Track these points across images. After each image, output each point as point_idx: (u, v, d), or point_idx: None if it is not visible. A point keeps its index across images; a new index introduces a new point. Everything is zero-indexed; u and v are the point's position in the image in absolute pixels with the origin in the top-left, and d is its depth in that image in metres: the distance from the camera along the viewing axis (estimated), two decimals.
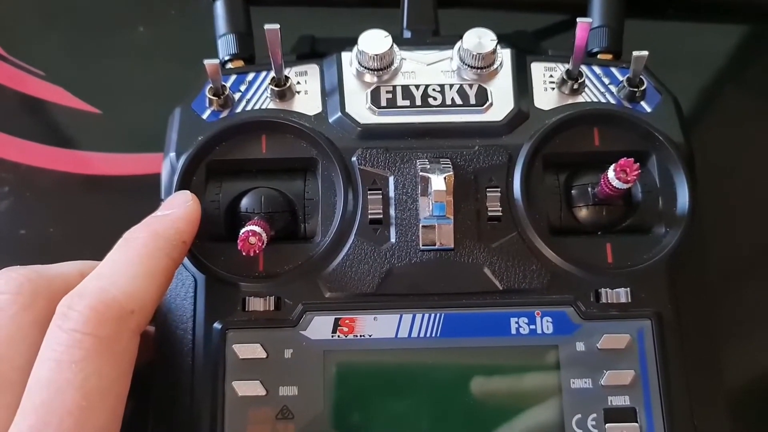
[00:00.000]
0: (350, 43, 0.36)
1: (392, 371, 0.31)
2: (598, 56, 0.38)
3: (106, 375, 0.26)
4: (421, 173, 0.32)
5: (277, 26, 0.32)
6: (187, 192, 0.32)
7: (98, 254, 0.32)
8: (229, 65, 0.38)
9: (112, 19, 0.47)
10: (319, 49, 0.44)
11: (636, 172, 0.31)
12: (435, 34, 0.38)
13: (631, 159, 0.31)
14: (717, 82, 0.47)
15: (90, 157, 0.44)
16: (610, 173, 0.31)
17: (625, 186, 0.31)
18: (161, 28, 0.47)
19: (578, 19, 0.33)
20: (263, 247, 0.30)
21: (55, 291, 0.29)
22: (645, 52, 0.34)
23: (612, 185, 0.31)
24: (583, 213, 0.34)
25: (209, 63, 0.33)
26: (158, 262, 0.29)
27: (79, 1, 0.48)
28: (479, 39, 0.34)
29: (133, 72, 0.46)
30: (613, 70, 0.36)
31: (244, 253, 0.30)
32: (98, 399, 0.26)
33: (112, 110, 0.45)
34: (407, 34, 0.38)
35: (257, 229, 0.30)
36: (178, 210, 0.31)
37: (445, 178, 0.31)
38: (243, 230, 0.30)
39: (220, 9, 0.39)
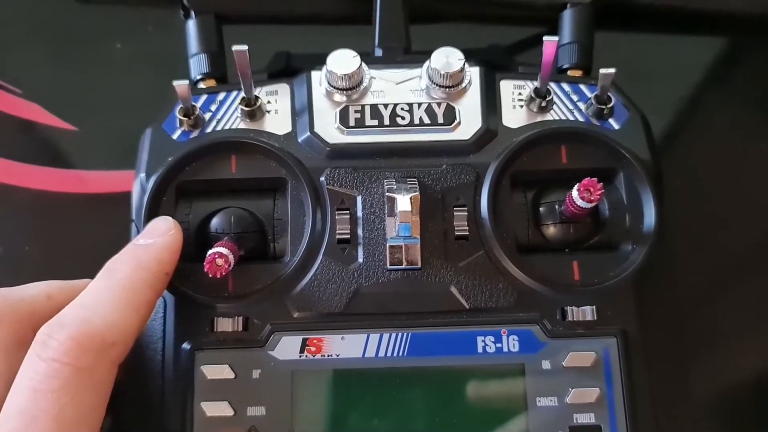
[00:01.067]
0: (325, 59, 0.36)
1: (360, 391, 0.31)
2: (568, 72, 0.39)
3: (83, 405, 0.26)
4: (387, 194, 0.32)
5: (245, 47, 0.33)
6: (169, 219, 0.32)
7: (75, 273, 0.32)
8: (201, 84, 0.38)
9: (89, 35, 0.48)
10: (295, 65, 0.44)
11: (599, 192, 0.31)
12: (406, 52, 0.39)
13: (595, 179, 0.31)
14: (690, 95, 0.47)
15: (66, 174, 0.44)
16: (574, 192, 0.31)
17: (589, 205, 0.31)
18: (138, 44, 0.48)
19: (544, 38, 0.33)
20: (230, 268, 0.31)
21: (21, 314, 0.29)
22: (612, 70, 0.34)
23: (576, 204, 0.31)
24: (550, 231, 0.34)
25: (179, 84, 0.33)
26: (141, 294, 0.29)
27: (56, 18, 0.48)
28: (447, 58, 0.35)
29: (110, 89, 0.46)
30: (582, 87, 0.36)
31: (210, 275, 0.30)
32: (73, 428, 0.26)
33: (89, 127, 0.45)
34: (378, 52, 0.39)
35: (224, 250, 0.30)
36: (161, 239, 0.31)
37: (410, 199, 0.32)
38: (210, 252, 0.30)
39: (192, 28, 0.39)
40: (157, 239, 0.31)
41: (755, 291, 0.41)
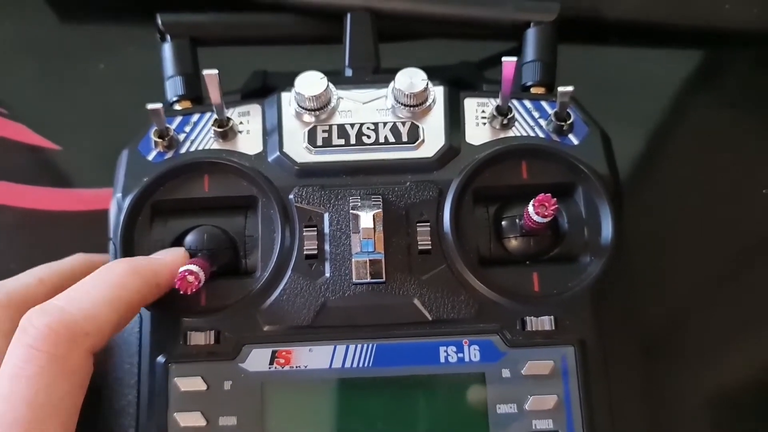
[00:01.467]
0: None
1: (327, 400, 0.33)
2: (531, 89, 0.40)
3: (57, 392, 0.27)
4: (351, 211, 0.33)
5: (215, 72, 0.34)
6: (182, 249, 0.34)
7: None
8: (177, 106, 0.39)
9: (73, 55, 0.49)
10: (272, 83, 0.46)
11: (554, 207, 0.32)
12: (376, 71, 0.40)
13: (549, 194, 0.32)
14: (659, 108, 0.48)
15: (52, 192, 0.45)
16: (530, 208, 0.32)
17: (544, 220, 0.32)
18: (121, 64, 0.49)
19: (503, 59, 0.34)
20: (200, 285, 0.32)
21: (16, 300, 0.31)
22: (569, 88, 0.35)
23: (533, 219, 0.33)
24: (512, 244, 0.35)
25: (152, 107, 0.35)
26: (125, 293, 0.30)
27: (40, 38, 0.50)
28: (410, 79, 0.36)
29: (94, 108, 0.47)
30: (543, 103, 0.38)
31: (181, 292, 0.31)
32: (47, 414, 0.27)
33: (74, 146, 0.46)
34: (348, 72, 0.40)
35: (194, 268, 0.32)
36: (165, 257, 0.33)
37: (373, 215, 0.33)
38: (181, 269, 0.32)
39: (167, 51, 0.41)
40: (162, 257, 0.33)
41: (722, 302, 0.42)
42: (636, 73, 0.49)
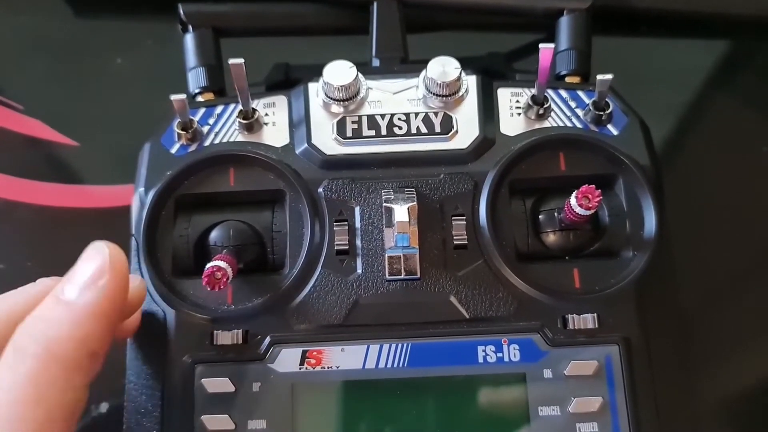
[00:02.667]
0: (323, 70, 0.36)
1: (360, 402, 0.31)
2: (566, 79, 0.38)
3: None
4: (384, 204, 0.32)
5: (242, 60, 0.33)
6: (103, 251, 0.27)
7: None
8: (199, 98, 0.38)
9: (89, 50, 0.48)
10: (294, 76, 0.45)
11: (597, 199, 0.31)
12: (404, 61, 0.39)
13: (593, 186, 0.31)
14: (692, 99, 0.47)
15: (68, 189, 0.44)
16: (572, 200, 0.31)
17: (588, 212, 0.31)
18: (139, 58, 0.48)
19: (540, 45, 0.33)
20: (228, 282, 0.31)
21: (17, 313, 0.27)
22: (609, 76, 0.34)
23: (575, 212, 0.31)
24: (550, 238, 0.34)
25: (176, 98, 0.34)
26: (53, 396, 0.24)
27: (56, 33, 0.49)
28: (443, 68, 0.35)
29: (111, 103, 0.46)
30: (580, 93, 0.36)
31: (209, 289, 0.30)
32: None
33: (91, 142, 0.45)
34: (376, 62, 0.39)
35: (222, 264, 0.30)
36: (87, 295, 0.26)
37: (408, 209, 0.31)
38: (208, 265, 0.30)
39: (189, 42, 0.39)
40: (79, 297, 0.25)
41: (761, 295, 0.41)
42: (665, 64, 0.47)
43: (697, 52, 0.48)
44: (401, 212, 0.31)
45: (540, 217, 0.34)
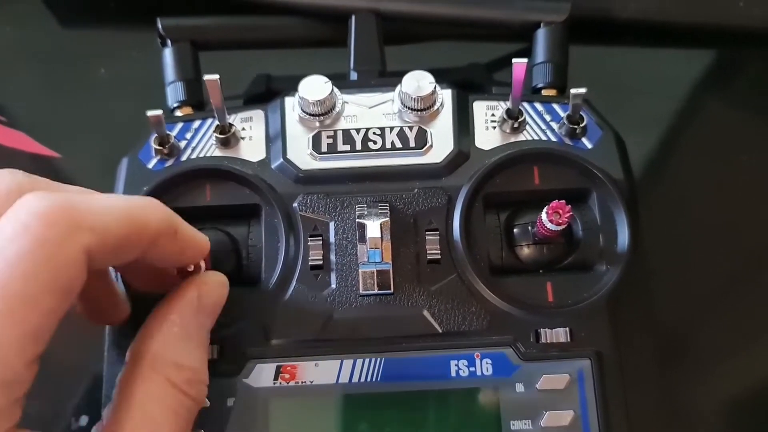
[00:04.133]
0: None
1: (333, 417, 0.31)
2: (542, 92, 0.39)
3: (36, 283, 0.22)
4: (357, 219, 0.32)
5: (216, 77, 0.33)
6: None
7: None
8: (178, 112, 0.38)
9: (73, 61, 0.48)
10: (275, 87, 0.45)
11: (568, 215, 0.31)
12: (381, 74, 0.39)
13: (563, 201, 0.31)
14: (671, 109, 0.47)
15: None
16: (543, 215, 0.31)
17: (558, 228, 0.31)
18: (122, 69, 0.48)
19: (514, 60, 0.33)
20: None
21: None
22: (582, 90, 0.34)
23: (546, 227, 0.31)
24: (524, 252, 0.34)
25: (152, 114, 0.34)
26: (143, 214, 0.26)
27: (40, 44, 0.49)
28: (417, 82, 0.35)
29: (95, 114, 0.46)
30: (555, 106, 0.36)
31: None
32: (16, 307, 0.22)
33: (73, 154, 0.45)
34: (353, 75, 0.39)
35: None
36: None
37: (381, 224, 0.32)
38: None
39: (168, 57, 0.40)
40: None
41: (740, 307, 0.41)
42: (647, 74, 0.47)
43: (677, 62, 0.48)
44: (374, 228, 0.32)
45: (514, 230, 0.34)
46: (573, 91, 0.34)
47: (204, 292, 0.29)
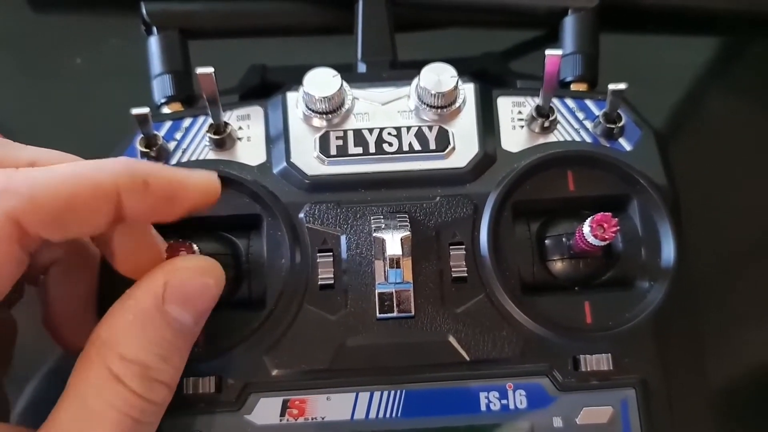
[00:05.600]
0: (305, 72, 0.32)
1: None
2: (572, 86, 0.36)
3: None
4: (374, 234, 0.29)
5: (211, 70, 0.29)
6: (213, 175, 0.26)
7: None
8: (166, 109, 0.35)
9: (46, 50, 0.44)
10: (272, 79, 0.41)
11: (614, 229, 0.27)
12: (393, 65, 0.35)
13: (609, 214, 0.28)
14: (698, 96, 0.44)
15: None
16: (585, 228, 0.28)
17: (602, 243, 0.28)
18: (101, 58, 0.44)
19: (547, 52, 0.30)
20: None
21: None
22: (622, 85, 0.31)
23: (587, 241, 0.28)
24: (557, 266, 0.31)
25: (137, 112, 0.30)
26: (95, 173, 0.23)
27: (10, 30, 0.45)
28: (438, 76, 0.31)
29: (69, 108, 0.43)
30: (588, 102, 0.33)
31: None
32: None
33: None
34: (362, 67, 0.35)
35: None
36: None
37: (401, 239, 0.28)
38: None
39: (154, 46, 0.36)
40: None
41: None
42: (685, 63, 0.44)
43: (704, 48, 0.45)
44: (393, 244, 0.28)
45: (546, 242, 0.31)
46: (611, 86, 0.31)
47: (174, 280, 0.25)
